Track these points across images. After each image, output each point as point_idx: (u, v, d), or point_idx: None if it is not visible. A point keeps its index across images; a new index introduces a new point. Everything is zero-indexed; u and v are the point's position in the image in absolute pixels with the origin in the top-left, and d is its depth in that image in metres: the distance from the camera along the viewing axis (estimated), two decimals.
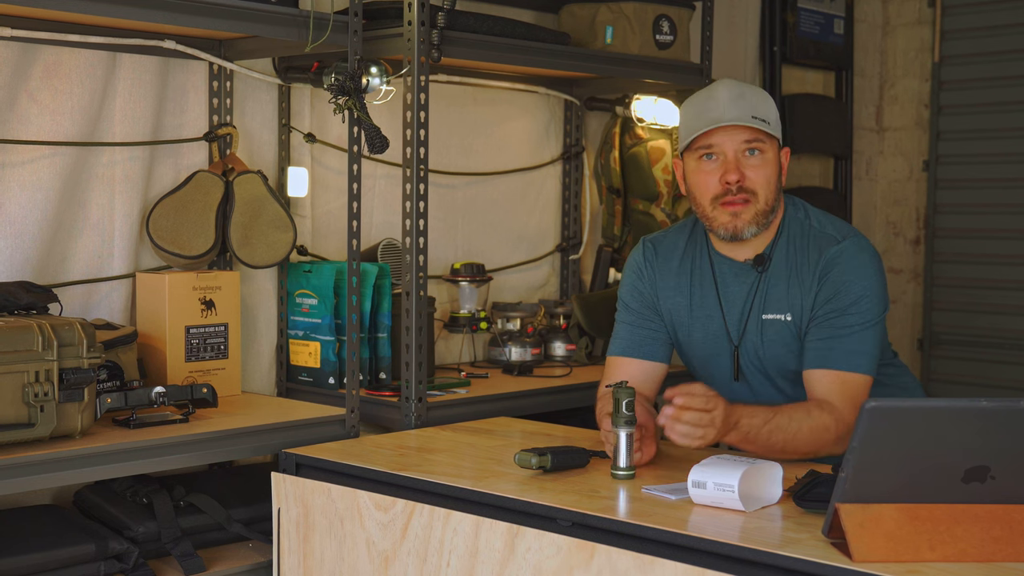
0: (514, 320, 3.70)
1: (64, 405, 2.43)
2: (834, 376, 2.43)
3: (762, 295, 2.54)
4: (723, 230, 2.50)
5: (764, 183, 2.48)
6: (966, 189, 4.99)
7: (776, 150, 2.52)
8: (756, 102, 2.48)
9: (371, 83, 2.89)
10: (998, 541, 1.81)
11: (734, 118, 2.44)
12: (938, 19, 5.04)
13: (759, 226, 2.50)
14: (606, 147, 4.06)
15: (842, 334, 2.44)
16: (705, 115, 2.47)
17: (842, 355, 2.43)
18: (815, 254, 2.51)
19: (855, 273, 2.47)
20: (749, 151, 2.47)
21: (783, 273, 2.53)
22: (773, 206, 2.50)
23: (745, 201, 2.47)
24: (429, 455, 2.60)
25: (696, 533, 1.96)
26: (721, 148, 2.47)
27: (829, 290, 2.47)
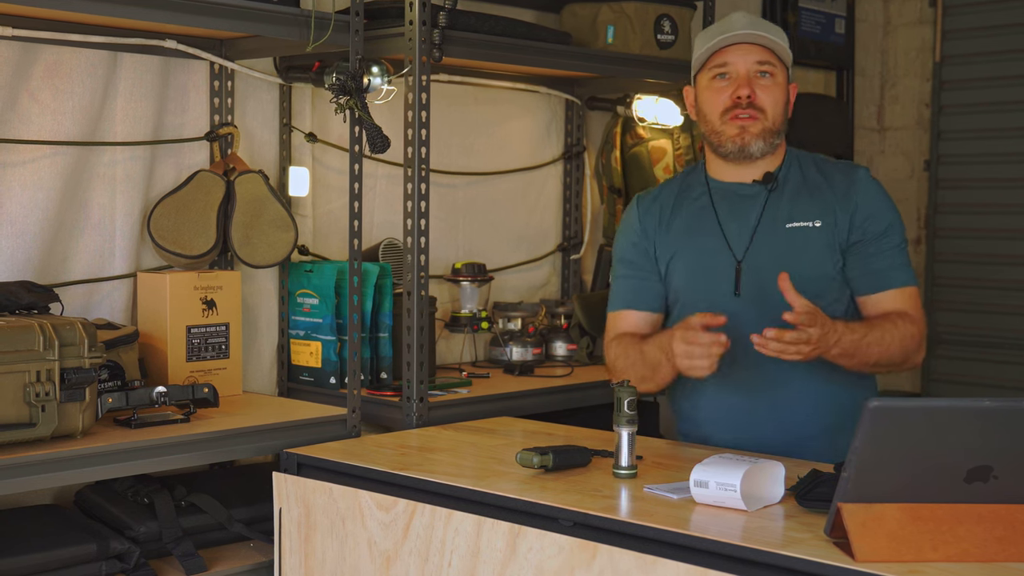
0: (515, 320, 3.70)
1: (65, 405, 2.42)
2: (901, 293, 2.53)
3: (776, 208, 2.56)
4: (731, 143, 2.55)
5: (773, 103, 2.55)
6: (967, 189, 4.99)
7: (786, 79, 2.59)
8: (771, 28, 2.58)
9: (372, 83, 2.89)
10: (1001, 541, 1.81)
11: (749, 29, 2.52)
12: (939, 19, 5.04)
13: (766, 143, 2.55)
14: (607, 147, 4.05)
15: (894, 252, 2.54)
16: (720, 33, 2.55)
17: (899, 273, 2.53)
18: (839, 175, 2.58)
19: (887, 198, 2.58)
20: (761, 73, 2.54)
21: (801, 188, 2.58)
22: (780, 129, 2.57)
23: (753, 117, 2.53)
24: (430, 455, 2.60)
25: (698, 533, 1.95)
26: (734, 67, 2.54)
27: (869, 208, 2.54)
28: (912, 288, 2.56)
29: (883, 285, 2.53)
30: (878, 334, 2.43)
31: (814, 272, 2.51)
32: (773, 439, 2.53)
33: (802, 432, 2.54)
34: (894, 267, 2.54)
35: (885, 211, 2.56)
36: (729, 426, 2.59)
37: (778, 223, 2.55)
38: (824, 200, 2.55)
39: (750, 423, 2.57)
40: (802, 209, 2.55)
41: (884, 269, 2.53)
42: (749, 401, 2.56)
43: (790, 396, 2.54)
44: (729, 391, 2.56)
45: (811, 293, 2.42)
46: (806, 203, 2.56)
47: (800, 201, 2.56)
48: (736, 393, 2.56)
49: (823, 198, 2.56)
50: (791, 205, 2.56)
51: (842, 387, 2.54)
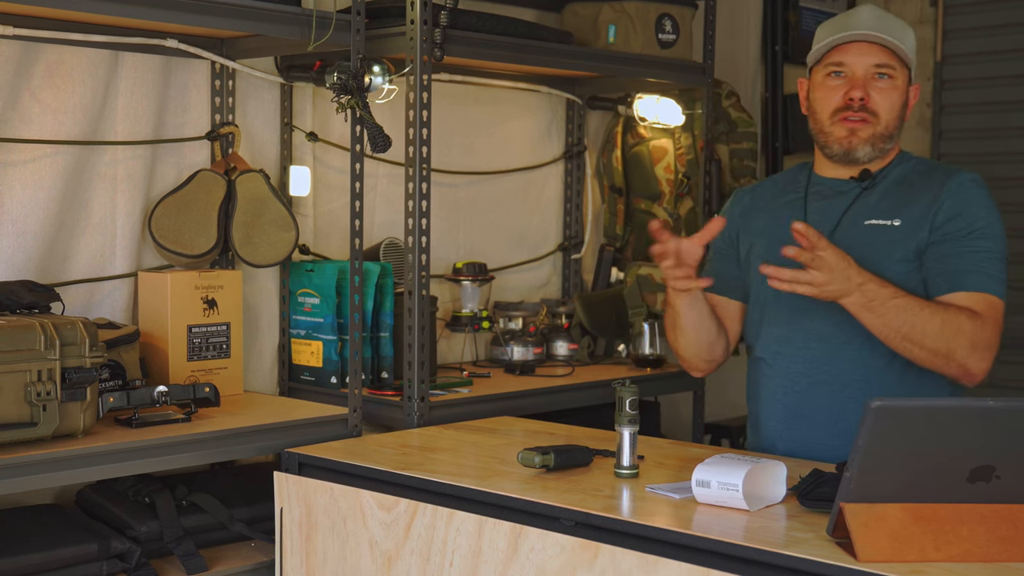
0: (516, 319, 3.70)
1: (66, 404, 2.42)
2: (975, 297, 2.33)
3: (864, 205, 2.47)
4: (837, 145, 2.47)
5: (888, 107, 2.44)
6: None
7: (906, 81, 2.48)
8: (896, 26, 2.46)
9: (373, 82, 2.88)
10: (1003, 541, 1.81)
11: (871, 29, 2.42)
12: (940, 18, 5.03)
13: (874, 148, 2.46)
14: (608, 146, 4.05)
15: (978, 257, 2.35)
16: (842, 28, 2.46)
17: (984, 279, 2.34)
18: (939, 175, 2.45)
19: (984, 204, 2.42)
20: (879, 75, 2.44)
21: (893, 188, 2.47)
22: (892, 134, 2.47)
23: (864, 120, 2.44)
24: (432, 454, 2.60)
25: (700, 533, 1.95)
26: (851, 67, 2.44)
27: (956, 209, 2.39)
28: (990, 296, 2.33)
29: (956, 286, 2.34)
30: (915, 304, 2.27)
31: (882, 271, 2.35)
32: (829, 444, 2.45)
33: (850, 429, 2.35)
34: (972, 271, 2.34)
35: (975, 214, 2.39)
36: (787, 426, 2.52)
37: (860, 220, 2.47)
38: (912, 200, 2.44)
39: (807, 425, 2.49)
40: (886, 207, 2.45)
41: (959, 271, 2.35)
42: (806, 399, 2.49)
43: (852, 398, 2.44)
44: (788, 387, 2.50)
45: None
46: (892, 201, 2.46)
47: (888, 199, 2.46)
48: (795, 391, 2.50)
49: (911, 198, 2.44)
50: (877, 203, 2.47)
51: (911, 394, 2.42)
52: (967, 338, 2.29)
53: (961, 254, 2.37)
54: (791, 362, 2.51)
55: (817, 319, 2.46)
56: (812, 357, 2.48)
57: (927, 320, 2.28)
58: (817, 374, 2.47)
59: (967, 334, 2.29)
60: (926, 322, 2.28)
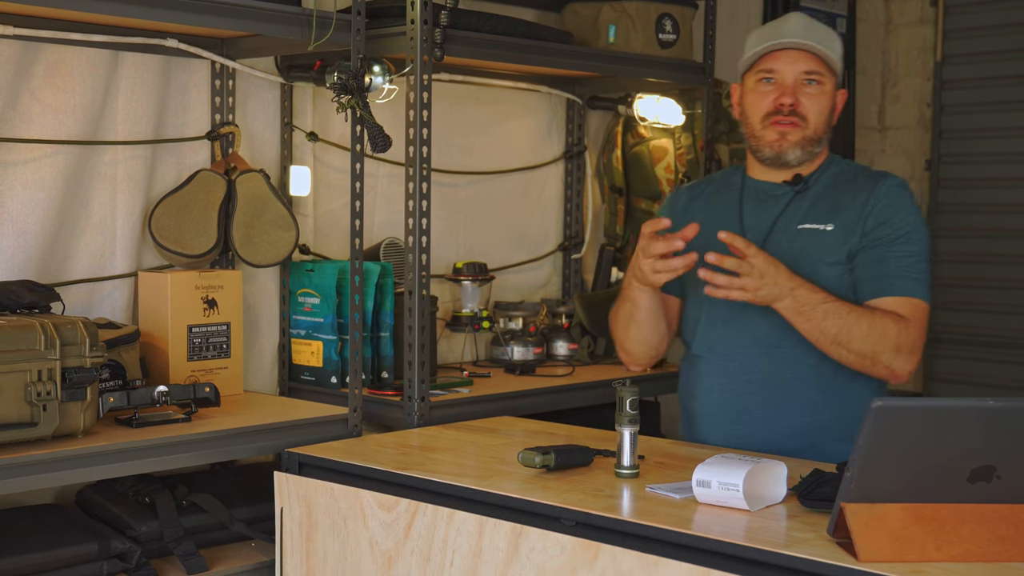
0: (516, 319, 3.70)
1: (66, 404, 2.42)
2: (900, 301, 2.43)
3: (796, 209, 2.55)
4: (768, 149, 2.55)
5: (817, 111, 2.52)
6: (968, 188, 4.99)
7: (834, 86, 2.55)
8: (824, 34, 2.54)
9: (374, 82, 2.88)
10: (1004, 541, 1.80)
11: (800, 37, 2.49)
12: (940, 18, 5.04)
13: (804, 151, 2.53)
14: (608, 146, 4.05)
15: (904, 261, 2.45)
16: (772, 36, 2.53)
17: (909, 283, 2.44)
18: (868, 182, 2.53)
19: (910, 209, 2.51)
20: (808, 80, 2.51)
21: (826, 192, 2.55)
22: (821, 137, 2.55)
23: (794, 124, 2.51)
24: (432, 454, 2.60)
25: (701, 533, 1.95)
26: (781, 74, 2.52)
27: (885, 214, 2.48)
28: (916, 300, 2.43)
29: (883, 291, 2.44)
30: (844, 309, 2.36)
31: (815, 275, 2.46)
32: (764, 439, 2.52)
33: (790, 432, 2.52)
34: (900, 275, 2.44)
35: (903, 220, 2.48)
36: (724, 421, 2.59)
37: (793, 224, 2.54)
38: (843, 205, 2.52)
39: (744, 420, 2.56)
40: (818, 212, 2.53)
41: (888, 275, 2.45)
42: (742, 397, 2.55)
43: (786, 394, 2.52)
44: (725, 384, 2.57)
45: None
46: (824, 206, 2.53)
47: (820, 204, 2.54)
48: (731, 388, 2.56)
49: (842, 203, 2.52)
50: (810, 207, 2.54)
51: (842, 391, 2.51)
52: (892, 342, 2.38)
53: (888, 259, 2.46)
54: (728, 360, 2.57)
55: (753, 319, 2.52)
56: (748, 356, 2.55)
57: (854, 324, 2.37)
58: (753, 372, 2.54)
59: (892, 338, 2.38)
60: (853, 326, 2.37)
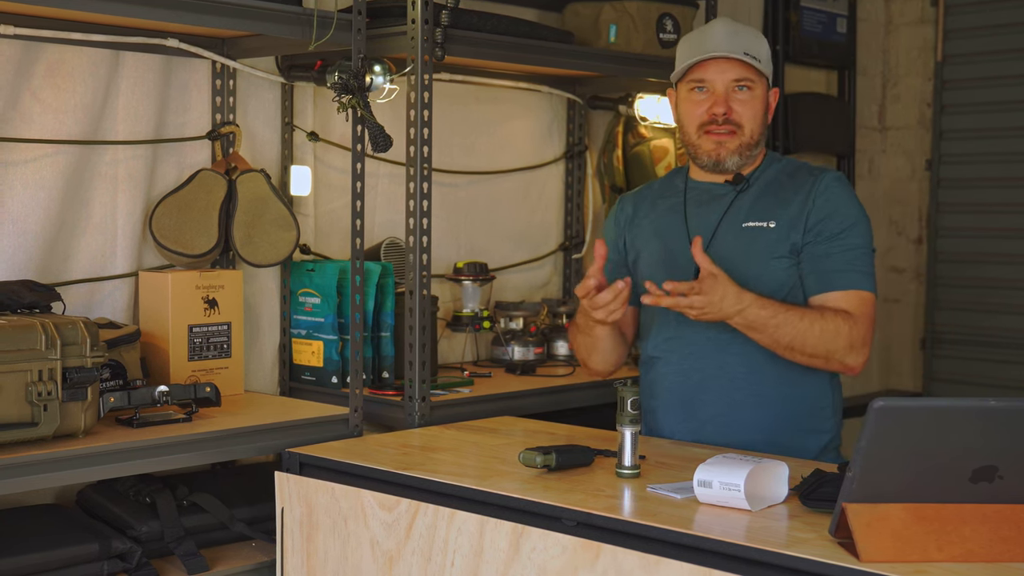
0: (517, 319, 3.70)
1: (67, 404, 2.42)
2: (848, 295, 2.49)
3: (739, 209, 2.59)
4: (706, 157, 2.59)
5: (751, 117, 2.56)
6: (969, 188, 4.99)
7: (765, 88, 2.60)
8: (749, 40, 2.58)
9: (375, 82, 2.88)
10: (1006, 541, 1.80)
11: (727, 50, 2.53)
12: (941, 18, 5.04)
13: (742, 157, 2.58)
14: (609, 146, 4.05)
15: (848, 255, 2.49)
16: (699, 47, 2.57)
17: (850, 276, 2.49)
18: (807, 178, 2.58)
19: (850, 202, 2.55)
20: (739, 87, 2.55)
21: (766, 189, 2.60)
22: (758, 140, 2.60)
23: (731, 132, 2.56)
24: (433, 454, 2.60)
25: (702, 533, 1.95)
26: (711, 83, 2.56)
27: (825, 209, 2.53)
28: (863, 292, 2.49)
29: (829, 286, 2.50)
30: (795, 317, 2.42)
31: (763, 271, 2.53)
32: (722, 434, 2.58)
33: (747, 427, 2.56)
34: (845, 270, 2.49)
35: (844, 214, 2.52)
36: (682, 418, 2.64)
37: (737, 223, 2.58)
38: (784, 201, 2.56)
39: (701, 417, 2.61)
40: (760, 209, 2.57)
41: (833, 270, 2.50)
42: (699, 394, 2.60)
43: (741, 390, 2.57)
44: (682, 383, 2.62)
45: (761, 292, 2.49)
46: (766, 204, 2.58)
47: (761, 202, 2.58)
48: (688, 386, 2.62)
49: (783, 199, 2.56)
50: (751, 205, 2.59)
51: (796, 385, 2.56)
52: (845, 339, 2.45)
53: (832, 254, 2.51)
54: (682, 358, 2.63)
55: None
56: (702, 353, 2.59)
57: (807, 331, 2.43)
58: (708, 368, 2.59)
59: (844, 336, 2.44)
60: (806, 333, 2.43)
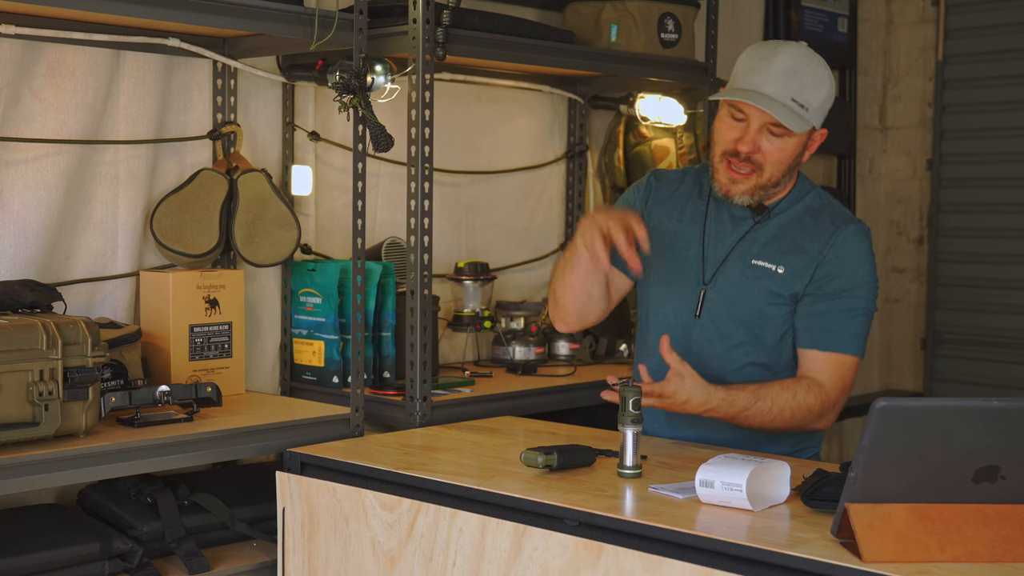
0: (518, 319, 3.70)
1: (68, 404, 2.42)
2: (830, 358, 2.49)
3: (754, 241, 2.55)
4: (718, 186, 2.55)
5: (775, 162, 2.48)
6: (969, 188, 4.99)
7: (805, 135, 2.49)
8: (804, 83, 2.44)
9: (376, 81, 2.88)
10: (1008, 542, 1.80)
11: (772, 93, 2.42)
12: (942, 18, 5.03)
13: (753, 196, 2.52)
14: (610, 146, 4.05)
15: (844, 316, 2.49)
16: (752, 76, 2.45)
17: (844, 338, 2.49)
18: (829, 226, 2.53)
19: (863, 261, 2.52)
20: (773, 132, 2.46)
21: (786, 229, 2.55)
22: (778, 182, 2.52)
23: (750, 172, 2.49)
24: (434, 454, 2.59)
25: (704, 533, 1.95)
26: (749, 118, 2.47)
27: (836, 267, 2.49)
28: (846, 357, 2.48)
29: (816, 343, 2.49)
30: (765, 405, 2.42)
31: (762, 313, 2.52)
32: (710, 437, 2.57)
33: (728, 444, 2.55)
34: (836, 331, 2.48)
35: (852, 273, 2.49)
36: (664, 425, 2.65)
37: (748, 257, 2.55)
38: (798, 248, 2.52)
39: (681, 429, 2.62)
40: (773, 251, 2.53)
41: (824, 329, 2.48)
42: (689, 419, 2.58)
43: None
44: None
45: (756, 331, 2.52)
46: (781, 245, 2.53)
47: (776, 241, 2.54)
48: None
49: (798, 245, 2.52)
50: (766, 242, 2.55)
51: None
52: (815, 413, 2.48)
53: (829, 313, 2.49)
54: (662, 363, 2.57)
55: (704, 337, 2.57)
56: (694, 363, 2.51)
57: (776, 415, 2.45)
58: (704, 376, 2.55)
59: (815, 411, 2.47)
60: (776, 417, 2.45)
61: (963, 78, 4.98)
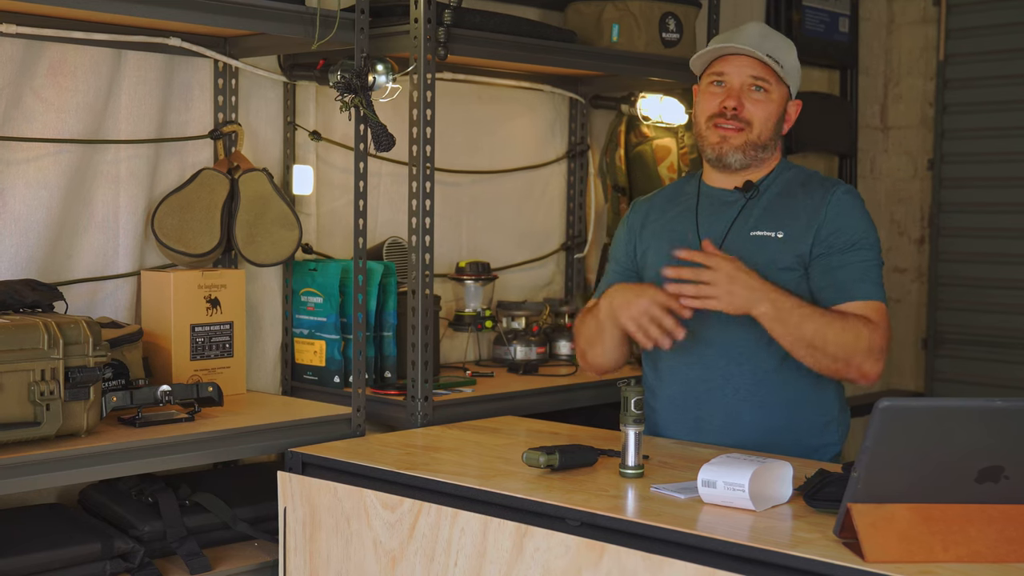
0: (519, 319, 3.70)
1: (70, 404, 2.42)
2: (867, 306, 2.47)
3: (748, 216, 2.58)
4: (710, 150, 2.59)
5: (762, 117, 2.56)
6: (971, 188, 4.98)
7: (784, 96, 2.60)
8: (778, 45, 2.58)
9: (377, 81, 2.87)
10: (1012, 542, 1.80)
11: (750, 46, 2.53)
12: (943, 17, 5.03)
13: (746, 155, 2.57)
14: (611, 145, 4.05)
15: (861, 268, 2.49)
16: (727, 41, 2.58)
17: (864, 287, 2.48)
18: (819, 190, 2.57)
19: (863, 216, 2.55)
20: (755, 87, 2.56)
21: (777, 199, 2.59)
22: (766, 143, 2.58)
23: (738, 129, 2.56)
24: (436, 454, 2.59)
25: (706, 533, 1.95)
26: (730, 76, 2.56)
27: (838, 222, 2.52)
28: (878, 303, 2.48)
29: (845, 296, 2.48)
30: (818, 313, 2.40)
31: (771, 279, 2.49)
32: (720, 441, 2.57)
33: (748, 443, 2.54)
34: (859, 280, 2.49)
35: (855, 226, 2.52)
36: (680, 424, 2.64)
37: (745, 231, 2.58)
38: (794, 212, 2.55)
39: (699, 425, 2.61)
40: (770, 219, 2.57)
41: (848, 281, 2.49)
42: (703, 404, 2.59)
43: (743, 406, 2.56)
44: (685, 392, 2.62)
45: None
46: (776, 213, 2.57)
47: (771, 211, 2.58)
48: (692, 395, 2.61)
49: (793, 210, 2.55)
50: (761, 214, 2.58)
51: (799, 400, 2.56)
52: (865, 343, 2.41)
53: (846, 265, 2.50)
54: (688, 367, 2.61)
55: (709, 328, 2.55)
56: (709, 363, 2.58)
57: (828, 327, 2.40)
58: (714, 379, 2.58)
59: (865, 339, 2.41)
60: (828, 329, 2.40)
61: (964, 78, 4.98)
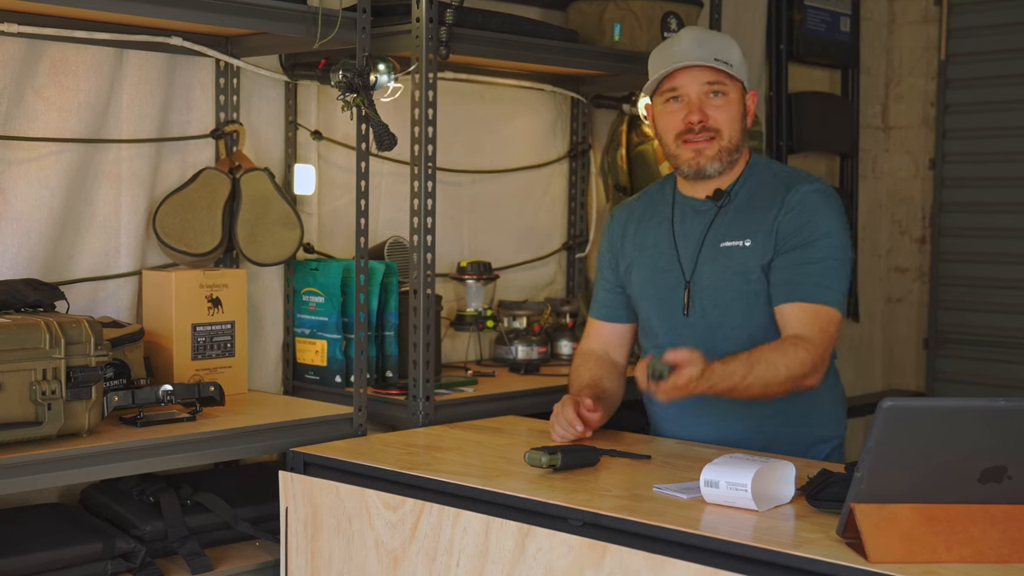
0: (520, 318, 3.70)
1: (71, 403, 2.41)
2: (807, 309, 2.48)
3: (719, 226, 2.59)
4: (687, 167, 2.59)
5: (727, 121, 2.56)
6: (972, 187, 4.98)
7: (740, 92, 2.60)
8: (719, 45, 2.58)
9: (379, 80, 2.87)
10: (1015, 542, 1.80)
11: (696, 58, 2.53)
12: (944, 17, 5.03)
13: (723, 163, 2.58)
14: (613, 145, 4.04)
15: (813, 268, 2.48)
16: (669, 58, 2.57)
17: (812, 289, 2.48)
18: (782, 189, 2.57)
19: (822, 213, 2.53)
20: (712, 93, 2.55)
21: (744, 205, 2.59)
22: (737, 144, 2.59)
23: (709, 139, 2.55)
24: (437, 454, 2.59)
25: (709, 533, 1.95)
26: (685, 90, 2.56)
27: (796, 222, 2.52)
28: (821, 307, 2.47)
29: (790, 297, 2.49)
30: (760, 371, 2.39)
31: (741, 291, 2.54)
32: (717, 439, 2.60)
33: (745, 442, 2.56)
34: (808, 282, 2.48)
35: (814, 225, 2.51)
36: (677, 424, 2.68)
37: (717, 242, 2.58)
38: (759, 218, 2.55)
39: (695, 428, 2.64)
40: (738, 227, 2.57)
41: (796, 281, 2.48)
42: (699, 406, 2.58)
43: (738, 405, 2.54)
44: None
45: (742, 313, 2.54)
46: (744, 221, 2.57)
47: (739, 219, 2.58)
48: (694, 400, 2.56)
49: (759, 216, 2.55)
50: (730, 223, 2.59)
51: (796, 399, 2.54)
52: (805, 369, 2.44)
53: (801, 264, 2.50)
54: None
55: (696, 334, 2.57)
56: None
57: (773, 377, 2.41)
58: None
59: (806, 365, 2.43)
60: (773, 379, 2.41)
61: (965, 78, 4.97)
